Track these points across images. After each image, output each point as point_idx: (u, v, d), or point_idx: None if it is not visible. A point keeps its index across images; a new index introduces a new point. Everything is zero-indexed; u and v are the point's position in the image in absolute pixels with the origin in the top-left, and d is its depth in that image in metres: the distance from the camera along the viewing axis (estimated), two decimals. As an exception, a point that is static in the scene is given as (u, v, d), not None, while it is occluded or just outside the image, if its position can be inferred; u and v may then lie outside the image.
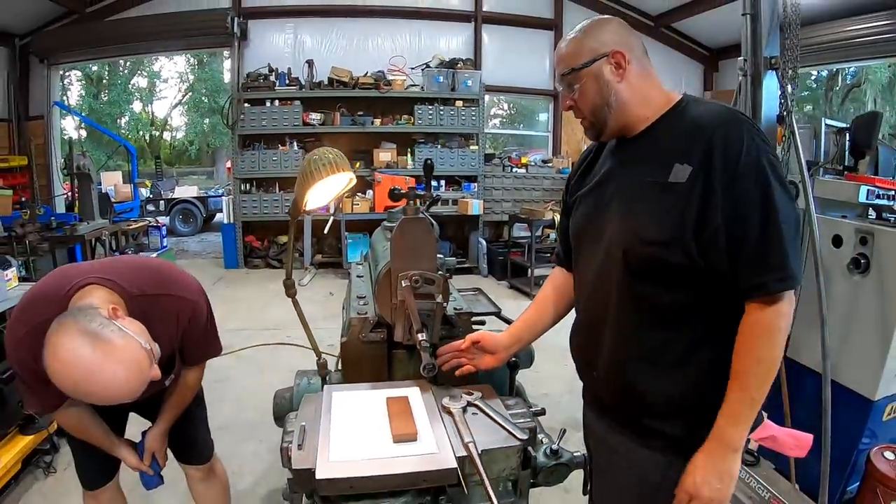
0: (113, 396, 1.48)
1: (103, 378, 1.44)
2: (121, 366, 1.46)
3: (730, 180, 1.30)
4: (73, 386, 1.44)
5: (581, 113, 1.53)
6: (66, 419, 1.99)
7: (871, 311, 2.70)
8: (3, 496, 3.18)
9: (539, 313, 1.90)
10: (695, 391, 1.45)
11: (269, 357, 5.41)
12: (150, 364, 1.56)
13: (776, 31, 2.76)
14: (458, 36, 10.13)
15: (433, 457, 1.44)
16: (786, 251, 1.30)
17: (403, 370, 2.03)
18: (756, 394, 1.35)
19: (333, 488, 1.37)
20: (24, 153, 9.58)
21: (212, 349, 2.16)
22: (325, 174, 1.84)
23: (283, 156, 9.19)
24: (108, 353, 1.44)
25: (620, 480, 1.65)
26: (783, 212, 1.30)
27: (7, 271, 4.52)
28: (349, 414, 1.65)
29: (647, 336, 1.48)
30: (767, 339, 1.33)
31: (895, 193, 2.89)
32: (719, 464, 1.38)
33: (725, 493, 1.40)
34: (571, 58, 1.48)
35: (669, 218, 1.36)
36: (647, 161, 1.45)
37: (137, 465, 2.16)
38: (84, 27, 9.44)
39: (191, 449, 2.46)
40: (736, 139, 1.32)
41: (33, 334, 1.62)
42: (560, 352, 4.36)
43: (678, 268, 1.38)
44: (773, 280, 1.30)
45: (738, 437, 1.38)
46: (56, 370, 1.43)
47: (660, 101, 1.49)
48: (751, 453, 3.16)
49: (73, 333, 1.43)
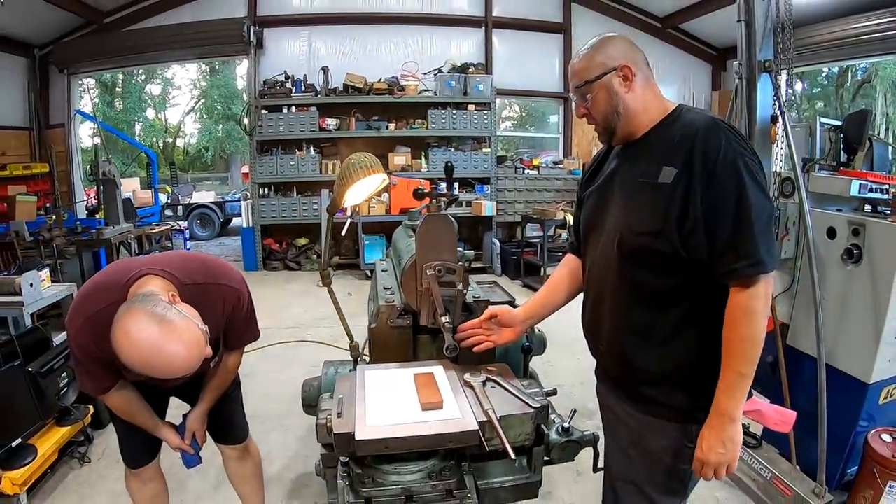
0: (174, 370, 1.65)
1: (167, 354, 1.61)
2: (182, 344, 1.63)
3: (708, 179, 1.49)
4: (140, 361, 1.61)
5: (594, 120, 1.72)
6: (115, 401, 2.14)
7: (865, 299, 2.84)
8: (41, 484, 3.34)
9: (552, 293, 2.09)
10: (681, 364, 1.65)
11: (291, 353, 5.59)
12: (206, 343, 1.74)
13: (770, 36, 2.92)
14: (470, 41, 10.25)
15: (457, 421, 1.63)
16: (756, 241, 1.48)
17: (427, 353, 2.23)
18: (743, 368, 1.53)
19: (370, 448, 1.57)
20: (45, 160, 9.79)
21: (251, 334, 2.33)
22: (362, 175, 2.05)
23: (301, 160, 9.33)
24: (171, 332, 1.62)
25: (621, 442, 1.86)
26: (755, 206, 1.48)
27: (41, 272, 4.78)
28: (381, 388, 1.84)
29: (639, 315, 1.68)
30: (746, 319, 1.51)
31: (888, 187, 3.03)
32: (721, 433, 1.58)
33: (731, 456, 1.60)
34: (585, 71, 1.67)
35: (657, 212, 1.56)
36: (642, 163, 1.65)
37: (179, 445, 2.32)
38: (103, 37, 9.63)
39: (228, 431, 2.61)
40: (714, 143, 1.50)
41: (95, 320, 1.82)
42: (572, 347, 4.56)
43: (664, 255, 1.57)
44: (743, 266, 1.49)
45: (734, 407, 1.56)
46: (125, 348, 1.60)
47: (658, 109, 1.69)
48: (753, 436, 3.31)
49: (142, 316, 1.62)
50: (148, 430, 2.27)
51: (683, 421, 1.68)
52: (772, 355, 3.21)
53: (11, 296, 4.47)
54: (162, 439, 2.35)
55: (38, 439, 3.31)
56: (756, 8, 2.87)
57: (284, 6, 9.84)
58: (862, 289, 2.86)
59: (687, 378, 1.64)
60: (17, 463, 3.05)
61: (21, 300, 4.44)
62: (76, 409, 3.61)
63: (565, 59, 10.44)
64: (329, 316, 6.69)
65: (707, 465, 1.61)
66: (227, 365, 2.34)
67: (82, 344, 1.91)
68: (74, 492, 3.36)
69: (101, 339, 1.74)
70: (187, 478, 3.32)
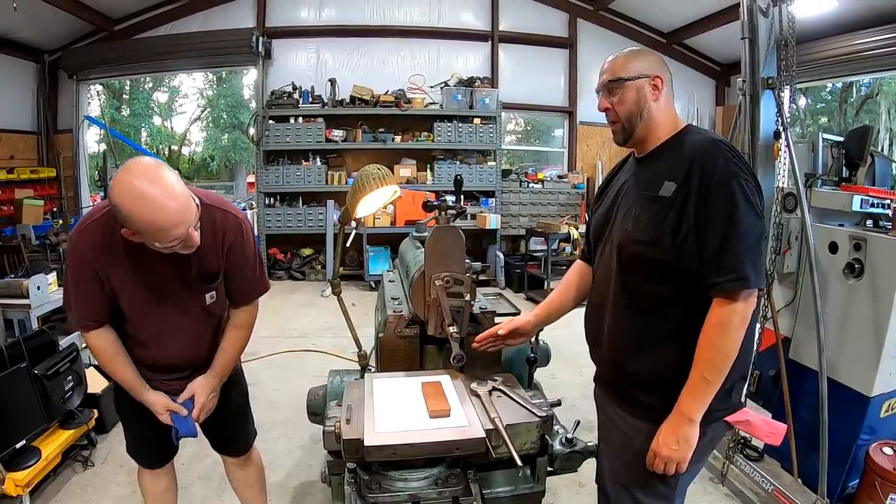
0: (163, 222, 1.71)
1: (159, 202, 1.69)
2: (174, 201, 1.72)
3: (703, 195, 1.58)
4: (136, 195, 1.68)
5: (616, 116, 1.79)
6: (100, 341, 2.05)
7: (866, 313, 2.87)
8: (44, 486, 3.35)
9: (562, 298, 2.18)
10: (671, 370, 1.70)
11: (296, 363, 5.60)
12: (195, 216, 1.81)
13: (773, 53, 2.97)
14: (476, 55, 10.29)
15: (465, 429, 1.67)
16: (742, 257, 1.55)
17: (434, 363, 2.27)
18: (710, 375, 1.61)
19: (379, 454, 1.60)
20: (53, 165, 9.83)
21: (260, 284, 2.28)
22: (375, 187, 2.10)
23: (307, 171, 9.36)
24: (166, 189, 1.71)
25: (613, 445, 1.93)
26: (745, 224, 1.55)
27: (49, 276, 4.84)
28: (389, 395, 1.87)
29: (634, 320, 1.76)
30: (721, 331, 1.59)
31: (889, 202, 3.06)
32: (677, 430, 1.66)
33: (682, 455, 1.68)
34: (621, 69, 1.75)
35: (654, 223, 1.65)
36: (648, 177, 1.74)
37: (167, 406, 2.16)
38: (112, 45, 9.66)
39: (230, 445, 2.60)
40: (712, 161, 1.59)
41: (94, 223, 1.92)
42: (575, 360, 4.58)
43: (659, 263, 1.65)
44: (727, 280, 1.56)
45: (694, 409, 1.64)
46: (122, 189, 1.69)
47: (672, 126, 1.78)
48: (755, 449, 3.33)
49: (139, 166, 1.74)
50: (130, 389, 2.15)
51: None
52: (774, 368, 3.23)
53: (19, 298, 4.51)
54: (147, 405, 2.17)
55: (43, 442, 3.32)
56: (759, 25, 2.92)
57: (293, 18, 9.92)
58: (863, 303, 2.89)
59: (676, 384, 1.68)
60: (20, 464, 3.07)
61: (28, 303, 4.48)
62: (80, 412, 3.64)
63: (571, 73, 10.52)
64: (333, 326, 6.73)
65: (658, 457, 1.69)
66: (237, 321, 2.29)
67: (81, 252, 1.93)
68: (77, 495, 3.37)
69: (101, 242, 1.89)
70: (191, 483, 3.36)
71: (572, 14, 10.41)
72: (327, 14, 9.95)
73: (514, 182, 10.04)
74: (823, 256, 3.04)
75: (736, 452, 3.35)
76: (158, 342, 2.14)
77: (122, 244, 1.90)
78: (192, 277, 2.06)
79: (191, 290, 2.09)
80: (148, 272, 1.99)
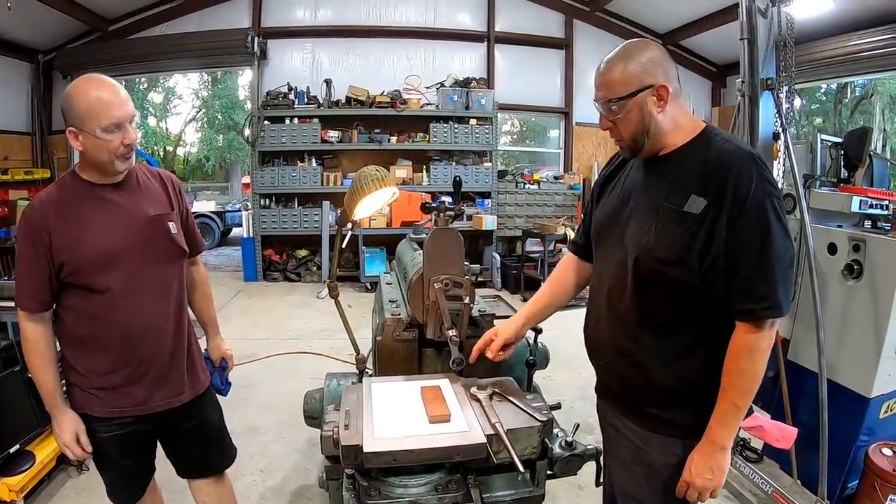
0: (109, 96, 1.85)
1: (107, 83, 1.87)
2: (118, 86, 1.90)
3: (736, 216, 1.48)
4: (89, 86, 1.85)
5: (620, 135, 1.66)
6: (35, 332, 1.99)
7: (865, 314, 2.87)
8: (38, 491, 3.31)
9: (551, 297, 2.10)
10: (687, 383, 1.66)
11: (292, 365, 5.56)
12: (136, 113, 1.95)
13: (772, 54, 2.96)
14: (472, 55, 10.30)
15: (465, 434, 1.64)
16: (775, 284, 1.49)
17: (433, 366, 2.24)
18: (739, 402, 1.57)
19: (378, 461, 1.57)
20: (47, 166, 9.79)
21: (200, 239, 2.44)
22: (373, 188, 2.07)
23: (302, 172, 9.35)
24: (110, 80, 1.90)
25: (622, 457, 1.87)
26: (778, 249, 1.48)
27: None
28: (388, 400, 1.84)
29: (648, 335, 1.69)
30: (749, 357, 1.54)
31: (888, 203, 3.06)
32: (710, 460, 1.61)
33: (717, 483, 1.64)
34: (618, 85, 1.58)
35: (680, 242, 1.55)
36: (668, 184, 1.62)
37: (79, 433, 2.06)
38: (107, 45, 9.65)
39: (202, 465, 2.44)
40: (746, 180, 1.48)
41: (46, 195, 1.95)
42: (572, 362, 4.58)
43: (679, 283, 1.58)
44: (760, 308, 1.50)
45: (725, 437, 1.60)
46: (77, 87, 1.85)
47: (687, 129, 1.64)
48: (754, 451, 3.32)
49: None
50: (48, 395, 2.04)
51: (686, 437, 1.69)
52: (773, 370, 3.22)
53: (12, 301, 4.45)
54: (55, 424, 2.07)
55: (37, 446, 3.28)
56: (758, 26, 2.91)
57: (288, 18, 9.91)
58: (862, 304, 2.88)
59: (691, 396, 1.65)
60: (14, 469, 3.04)
61: (21, 305, 4.41)
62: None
63: (567, 74, 10.54)
64: (329, 328, 6.70)
65: (692, 487, 1.65)
66: (198, 279, 2.49)
67: (33, 224, 1.89)
68: (72, 500, 3.34)
69: (57, 198, 1.93)
70: (180, 493, 3.33)
71: (568, 15, 10.45)
72: (323, 14, 9.95)
73: (510, 183, 10.05)
74: (822, 257, 3.03)
75: (735, 454, 3.34)
76: (132, 294, 2.01)
77: (79, 197, 1.95)
78: (152, 215, 2.08)
79: (154, 224, 2.08)
80: (109, 215, 1.98)
